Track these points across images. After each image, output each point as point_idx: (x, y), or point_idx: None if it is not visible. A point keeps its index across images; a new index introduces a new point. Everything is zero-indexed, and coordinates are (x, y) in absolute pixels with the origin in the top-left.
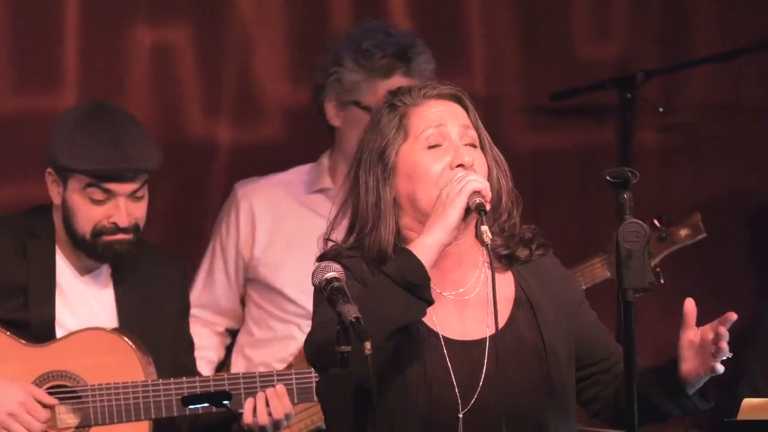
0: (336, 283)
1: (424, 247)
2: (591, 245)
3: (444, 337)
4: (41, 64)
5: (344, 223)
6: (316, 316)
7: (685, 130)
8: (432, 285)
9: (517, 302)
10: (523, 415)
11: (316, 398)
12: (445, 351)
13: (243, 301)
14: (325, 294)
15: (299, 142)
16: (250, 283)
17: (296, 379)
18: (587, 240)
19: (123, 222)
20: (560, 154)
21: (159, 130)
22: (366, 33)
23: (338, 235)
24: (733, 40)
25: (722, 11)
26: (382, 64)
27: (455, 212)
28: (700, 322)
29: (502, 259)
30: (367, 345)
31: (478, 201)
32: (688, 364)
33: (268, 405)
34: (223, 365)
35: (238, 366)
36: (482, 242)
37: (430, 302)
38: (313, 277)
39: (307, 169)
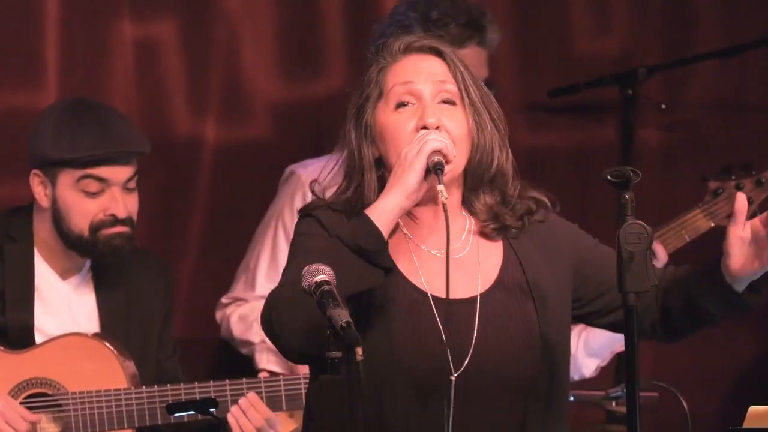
0: (326, 287)
1: (382, 212)
2: None
3: (433, 296)
4: (21, 59)
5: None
6: (288, 269)
7: (688, 127)
8: (419, 243)
9: (504, 266)
10: (514, 378)
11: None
12: (435, 311)
13: None
14: (314, 298)
15: (287, 140)
16: None
17: (284, 385)
18: None
19: (121, 212)
20: (559, 152)
21: (143, 128)
22: (431, 1)
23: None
24: (737, 35)
25: (726, 5)
26: (456, 34)
27: (414, 174)
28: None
29: (495, 230)
30: (359, 350)
31: (436, 159)
32: (738, 260)
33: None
34: None
35: None
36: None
37: (387, 269)
38: (302, 280)
39: None
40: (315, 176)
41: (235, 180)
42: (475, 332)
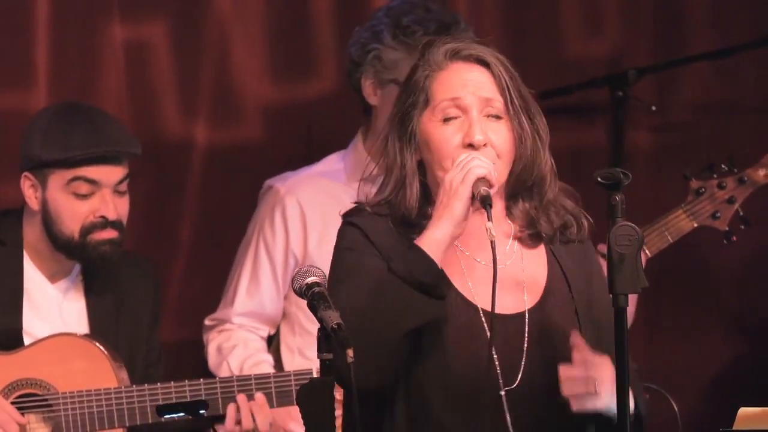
0: (317, 289)
1: (433, 242)
2: None
3: (483, 311)
4: (11, 61)
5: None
6: (341, 291)
7: (678, 129)
8: (465, 250)
9: (550, 279)
10: (559, 396)
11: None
12: (485, 325)
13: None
14: (306, 299)
15: (278, 142)
16: None
17: (275, 382)
18: None
19: (111, 214)
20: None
21: (134, 129)
22: (406, 8)
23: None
24: (729, 36)
25: (718, 6)
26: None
27: (461, 204)
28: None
29: (532, 236)
30: (349, 353)
31: (483, 192)
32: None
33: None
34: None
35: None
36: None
37: (443, 298)
38: (293, 282)
39: (340, 157)
40: (294, 189)
41: (225, 182)
42: (525, 349)
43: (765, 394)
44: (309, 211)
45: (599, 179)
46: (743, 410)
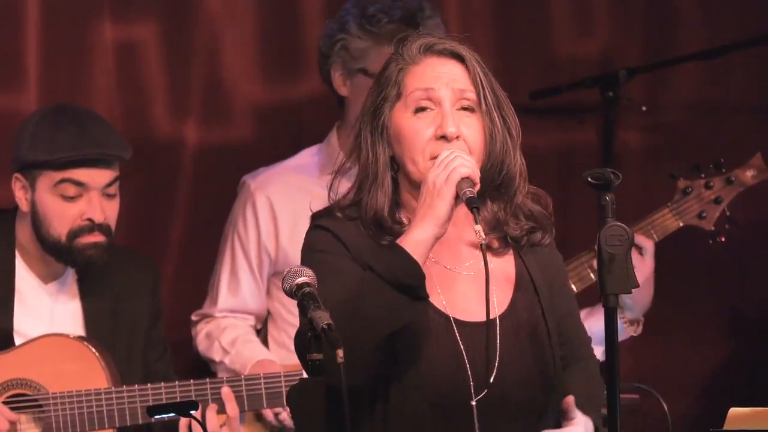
0: (307, 289)
1: (417, 243)
2: (572, 249)
3: (455, 320)
4: (1, 63)
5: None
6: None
7: (668, 129)
8: (435, 258)
9: (518, 283)
10: (533, 401)
11: (285, 403)
12: (457, 335)
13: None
14: (296, 299)
15: (268, 141)
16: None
17: (265, 383)
18: (568, 244)
19: (98, 217)
20: (540, 155)
21: (124, 130)
22: None
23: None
24: (719, 36)
25: (708, 6)
26: (389, 30)
27: (444, 204)
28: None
29: (500, 240)
30: (339, 353)
31: (468, 194)
32: None
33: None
34: None
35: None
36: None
37: (425, 299)
38: (283, 282)
39: (315, 150)
40: (264, 185)
41: (216, 182)
42: (498, 357)
43: (755, 394)
44: (279, 207)
45: (589, 179)
46: (733, 410)
